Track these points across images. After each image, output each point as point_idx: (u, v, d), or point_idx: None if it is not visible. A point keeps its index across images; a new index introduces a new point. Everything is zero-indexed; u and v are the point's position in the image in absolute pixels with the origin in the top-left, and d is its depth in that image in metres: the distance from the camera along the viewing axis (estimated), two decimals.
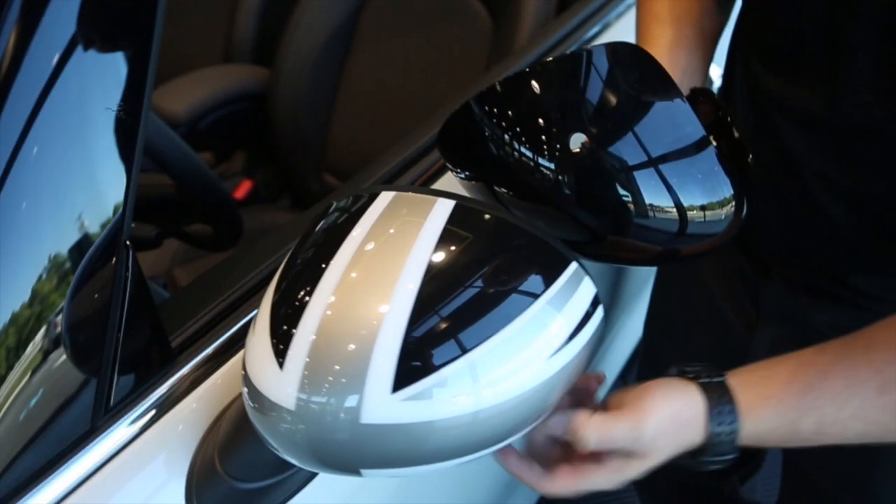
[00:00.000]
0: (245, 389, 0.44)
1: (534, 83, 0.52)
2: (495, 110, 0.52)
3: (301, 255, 0.44)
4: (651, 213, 0.49)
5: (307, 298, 0.41)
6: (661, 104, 0.51)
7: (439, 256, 0.41)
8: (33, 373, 0.46)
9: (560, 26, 1.06)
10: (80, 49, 0.46)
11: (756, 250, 0.77)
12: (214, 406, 0.54)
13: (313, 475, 0.56)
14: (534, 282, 0.43)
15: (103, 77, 0.48)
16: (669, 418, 0.51)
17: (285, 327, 0.41)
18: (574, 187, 0.50)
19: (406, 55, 1.43)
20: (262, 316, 0.43)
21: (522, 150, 0.51)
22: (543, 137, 0.51)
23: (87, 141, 0.47)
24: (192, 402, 0.54)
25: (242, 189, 1.55)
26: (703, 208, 0.50)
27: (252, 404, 0.43)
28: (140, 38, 0.47)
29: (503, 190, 0.53)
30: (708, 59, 0.72)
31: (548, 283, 0.43)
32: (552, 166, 0.50)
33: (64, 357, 0.47)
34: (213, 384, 0.55)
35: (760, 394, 0.51)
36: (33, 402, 0.46)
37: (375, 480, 0.68)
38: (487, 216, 0.44)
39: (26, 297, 0.45)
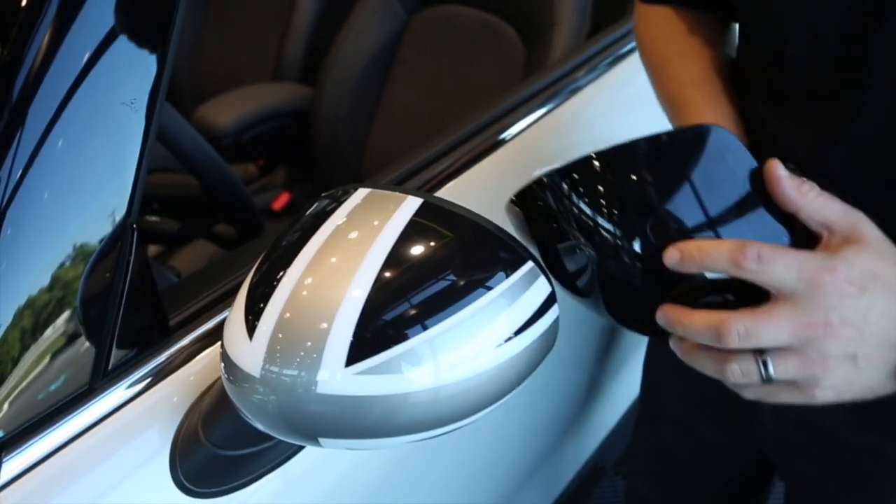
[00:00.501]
0: (222, 364, 0.48)
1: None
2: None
3: (283, 240, 0.49)
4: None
5: (280, 276, 0.45)
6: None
7: (402, 245, 0.45)
8: (53, 357, 0.52)
9: (589, 47, 1.11)
10: (111, 45, 0.52)
11: None
12: (207, 379, 0.59)
13: (293, 449, 0.60)
14: (488, 274, 0.46)
15: (130, 72, 0.53)
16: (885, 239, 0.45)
17: (260, 305, 0.46)
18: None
19: (442, 79, 1.48)
20: (241, 294, 0.48)
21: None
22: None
23: (111, 134, 0.53)
24: (188, 375, 0.58)
25: (280, 200, 1.63)
26: None
27: (227, 376, 0.47)
28: (162, 36, 0.53)
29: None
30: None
31: (502, 276, 0.46)
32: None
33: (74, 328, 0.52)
34: (208, 359, 0.59)
35: None
36: (39, 368, 0.51)
37: (370, 472, 0.72)
38: (452, 212, 0.47)
39: (46, 282, 0.51)
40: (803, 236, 0.47)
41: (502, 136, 0.91)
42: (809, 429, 0.74)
